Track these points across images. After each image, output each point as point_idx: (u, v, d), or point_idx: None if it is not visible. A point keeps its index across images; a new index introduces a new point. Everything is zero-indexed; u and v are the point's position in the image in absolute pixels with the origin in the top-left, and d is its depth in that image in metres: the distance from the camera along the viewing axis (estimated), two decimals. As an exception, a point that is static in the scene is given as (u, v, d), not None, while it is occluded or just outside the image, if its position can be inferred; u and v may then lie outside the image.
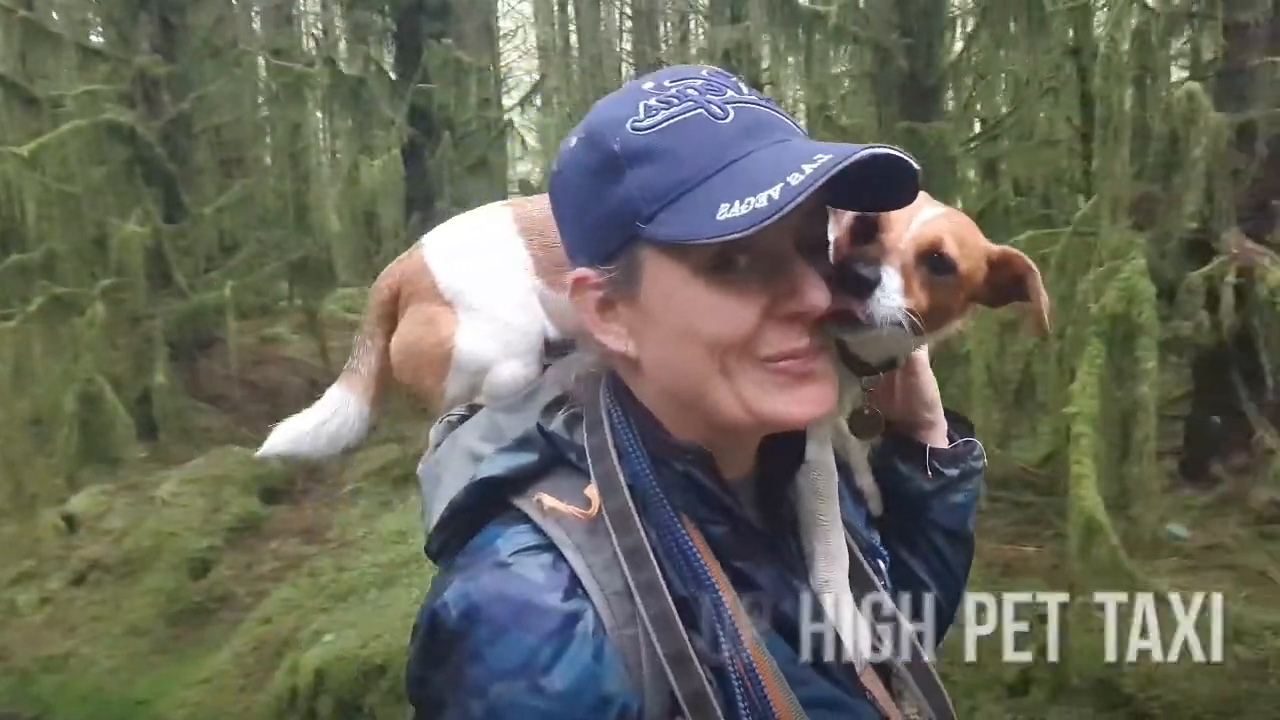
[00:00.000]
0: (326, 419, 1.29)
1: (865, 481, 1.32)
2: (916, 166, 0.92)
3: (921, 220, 1.07)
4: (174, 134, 9.44)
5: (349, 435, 1.30)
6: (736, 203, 0.88)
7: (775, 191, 0.87)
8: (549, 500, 0.97)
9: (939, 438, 1.30)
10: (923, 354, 1.27)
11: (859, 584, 1.14)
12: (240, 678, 6.53)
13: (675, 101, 0.94)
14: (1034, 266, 1.16)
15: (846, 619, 1.09)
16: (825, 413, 1.00)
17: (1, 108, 9.31)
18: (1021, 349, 6.20)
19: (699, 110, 0.93)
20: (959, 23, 8.54)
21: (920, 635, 1.17)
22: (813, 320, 0.97)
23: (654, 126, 0.93)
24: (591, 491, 0.98)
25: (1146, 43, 5.10)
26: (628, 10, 16.93)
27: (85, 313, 8.84)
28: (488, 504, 1.00)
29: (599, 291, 0.99)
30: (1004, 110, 9.02)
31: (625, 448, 1.00)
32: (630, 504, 0.97)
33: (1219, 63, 5.51)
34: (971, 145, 8.92)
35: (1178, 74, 6.40)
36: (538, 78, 18.90)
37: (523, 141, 14.72)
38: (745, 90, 0.97)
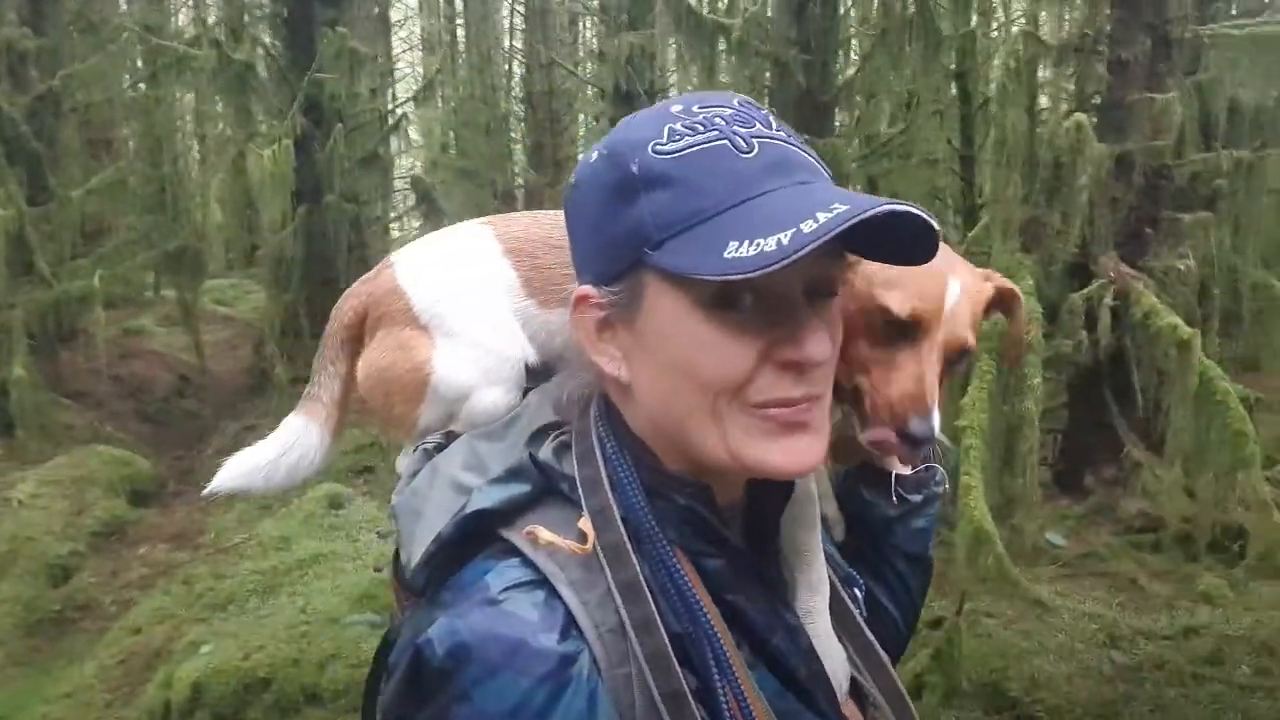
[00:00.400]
0: (285, 450, 1.21)
1: (830, 508, 1.32)
2: (937, 226, 0.91)
3: (950, 320, 1.08)
4: (41, 111, 8.87)
5: (308, 467, 1.22)
6: (746, 243, 0.86)
7: (786, 236, 0.84)
8: (545, 534, 0.93)
9: (903, 464, 1.31)
10: None
11: (838, 613, 1.14)
12: (106, 692, 6.17)
13: (701, 129, 0.92)
14: (1020, 294, 1.20)
15: (829, 649, 1.09)
16: (813, 466, 0.97)
17: None
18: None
19: (723, 141, 0.91)
20: (854, 43, 8.79)
21: (890, 663, 1.17)
22: (808, 368, 0.94)
23: (675, 153, 0.91)
24: (585, 524, 0.95)
25: (1035, 73, 5.34)
26: (519, 8, 16.79)
27: (-65, 299, 8.26)
28: (475, 537, 0.96)
29: (599, 311, 0.97)
30: (890, 129, 9.34)
31: (619, 479, 0.98)
32: (625, 538, 0.95)
33: (1101, 95, 5.82)
34: (860, 162, 9.21)
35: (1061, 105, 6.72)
36: (423, 70, 18.62)
37: (407, 135, 14.46)
38: (774, 125, 0.95)
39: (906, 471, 1.30)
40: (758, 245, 0.85)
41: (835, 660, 1.09)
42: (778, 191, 0.90)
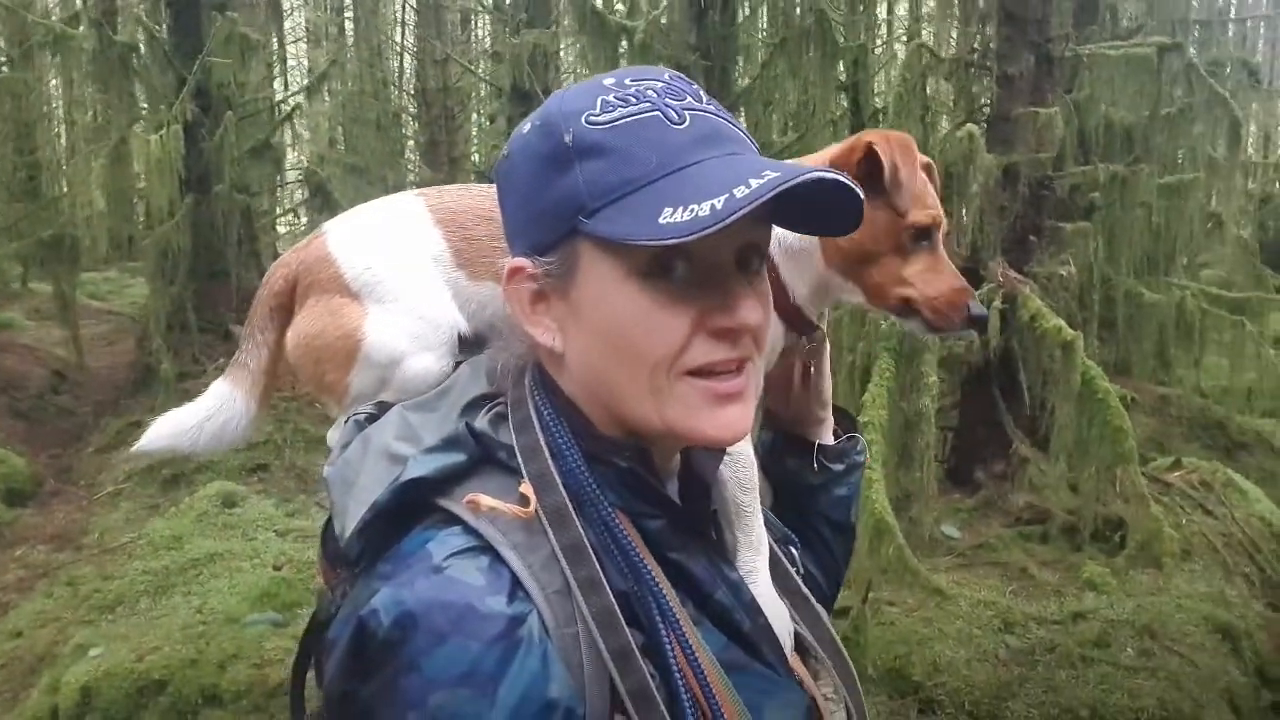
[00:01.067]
0: (210, 415, 1.22)
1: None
2: (861, 194, 0.94)
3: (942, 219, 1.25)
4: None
5: (233, 433, 1.23)
6: (680, 208, 0.87)
7: (720, 201, 0.86)
8: (486, 500, 0.93)
9: (827, 434, 1.37)
10: (826, 356, 1.35)
11: (777, 572, 1.17)
12: (-16, 699, 5.85)
13: (633, 101, 0.94)
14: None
15: (772, 605, 1.12)
16: (743, 434, 1.00)
17: None
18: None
19: (655, 112, 0.93)
20: (751, 51, 8.98)
21: (826, 616, 1.22)
22: (740, 335, 0.96)
23: (609, 123, 0.92)
24: (527, 489, 0.95)
25: (927, 86, 5.59)
26: (412, 3, 16.52)
27: None
28: (411, 507, 0.96)
29: (533, 283, 0.98)
30: (783, 137, 9.58)
31: (557, 445, 0.98)
32: (567, 501, 0.96)
33: (988, 109, 6.13)
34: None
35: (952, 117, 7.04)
36: (308, 61, 18.12)
37: (293, 128, 14.06)
38: (704, 99, 0.98)
39: (829, 441, 1.37)
40: (691, 210, 0.86)
41: (778, 616, 1.13)
42: (709, 161, 0.92)
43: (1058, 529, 5.52)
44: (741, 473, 1.16)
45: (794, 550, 1.26)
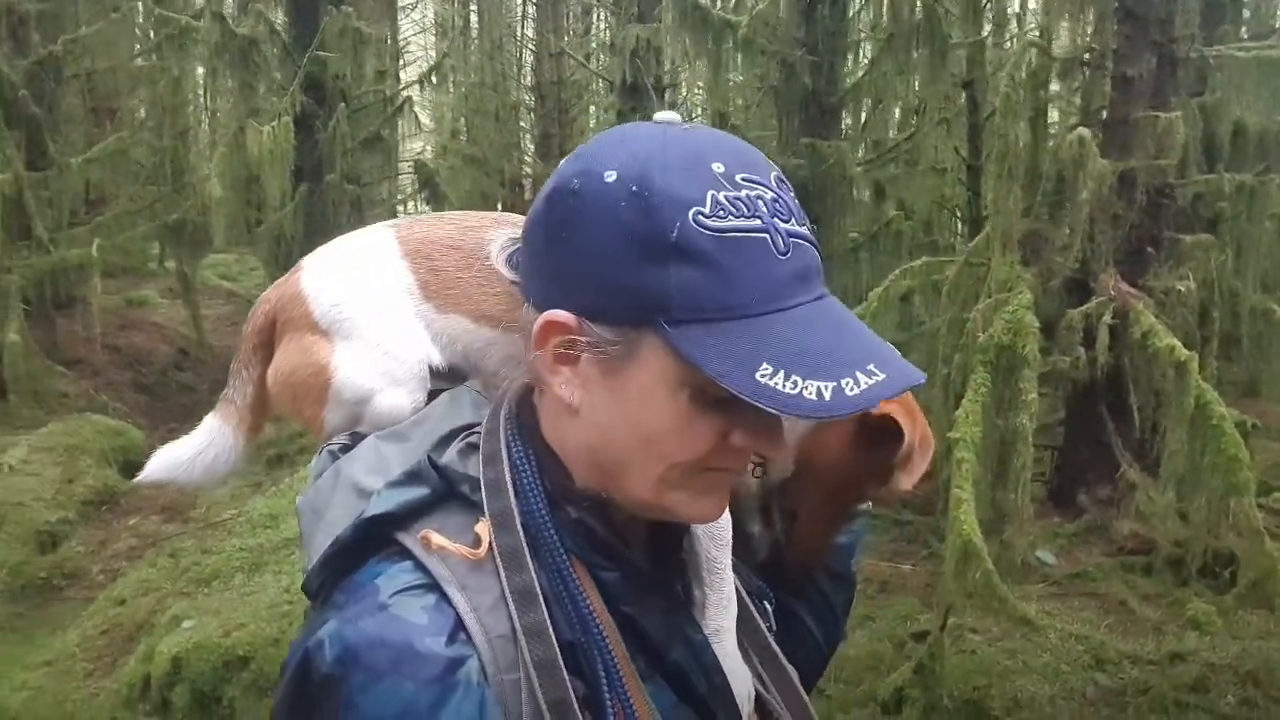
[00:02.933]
0: (202, 449, 1.23)
1: (755, 526, 1.30)
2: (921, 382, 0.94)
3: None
4: (41, 76, 8.83)
5: (223, 467, 1.24)
6: (781, 374, 0.85)
7: (827, 391, 0.85)
8: (436, 538, 0.92)
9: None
10: None
11: (746, 628, 1.14)
12: (88, 662, 6.18)
13: (745, 211, 0.89)
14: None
15: (734, 667, 1.09)
16: (722, 513, 1.04)
17: None
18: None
19: (765, 235, 0.89)
20: (863, 46, 8.75)
21: (800, 677, 1.18)
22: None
23: (718, 232, 0.87)
24: (482, 528, 0.94)
25: (1041, 85, 5.31)
26: (533, -3, 16.75)
27: (-68, 261, 8.23)
28: (370, 541, 0.95)
29: (570, 343, 0.93)
30: (897, 135, 9.32)
31: (522, 484, 0.97)
32: (524, 543, 0.94)
33: (1105, 111, 5.79)
34: (865, 166, 9.18)
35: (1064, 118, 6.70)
36: (434, 54, 18.50)
37: (416, 119, 14.41)
38: (800, 214, 0.94)
39: None
40: (795, 384, 0.85)
41: (739, 679, 1.09)
42: (801, 308, 0.90)
43: (1163, 561, 5.19)
44: (715, 527, 1.12)
45: (767, 605, 1.21)
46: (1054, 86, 6.00)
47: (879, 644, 5.00)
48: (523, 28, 18.41)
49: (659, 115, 0.98)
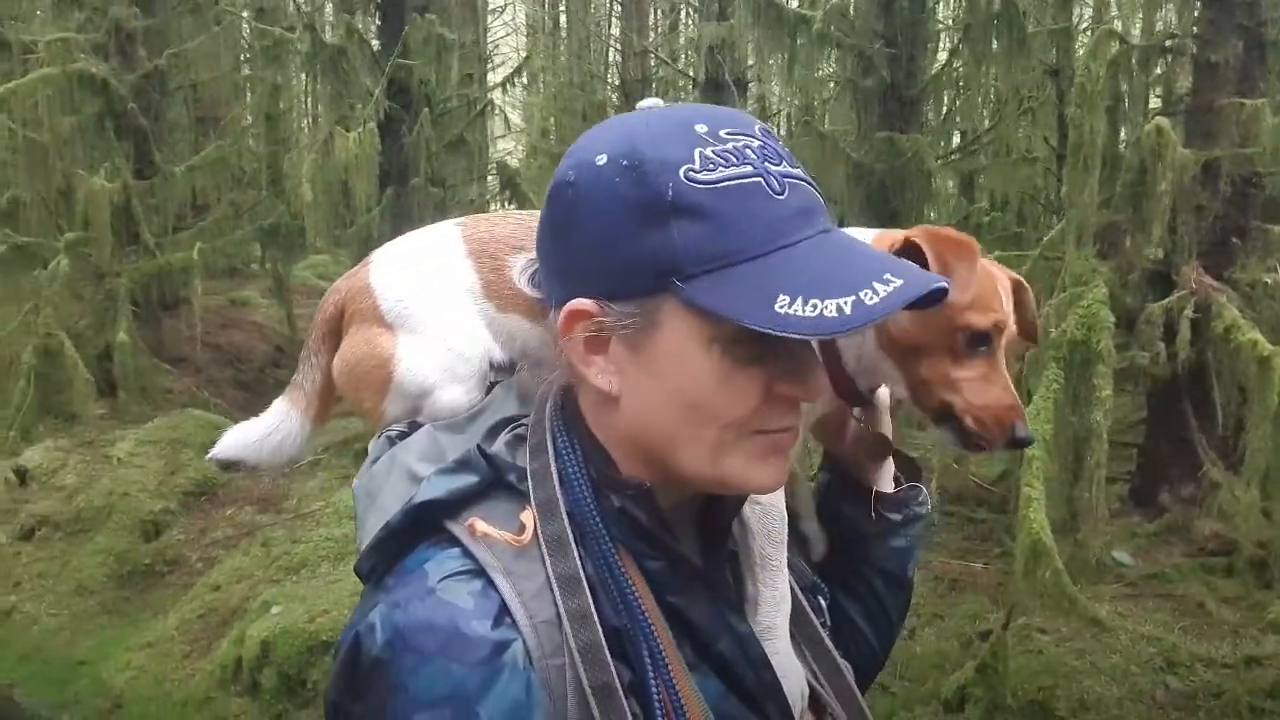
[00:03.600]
0: (270, 432, 1.28)
1: (810, 526, 1.32)
2: (949, 293, 0.93)
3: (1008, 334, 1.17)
4: (148, 89, 9.30)
5: (290, 450, 1.29)
6: (800, 300, 0.86)
7: (847, 305, 0.85)
8: (481, 525, 0.94)
9: (886, 481, 1.30)
10: (883, 396, 1.28)
11: (800, 623, 1.14)
12: (185, 644, 6.50)
13: (734, 160, 0.91)
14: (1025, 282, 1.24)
15: (787, 664, 1.09)
16: (781, 484, 1.03)
17: (-30, 49, 9.16)
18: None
19: (758, 178, 0.90)
20: (943, 36, 8.59)
21: (850, 671, 1.17)
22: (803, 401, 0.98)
23: (711, 184, 0.89)
24: (526, 516, 0.96)
25: (1120, 74, 5.16)
26: (619, -4, 16.86)
27: (48, 265, 8.73)
28: (422, 527, 0.98)
29: (597, 327, 0.95)
30: (984, 125, 9.12)
31: (568, 474, 0.98)
32: (568, 530, 0.95)
33: (1189, 99, 5.59)
34: (950, 158, 9.01)
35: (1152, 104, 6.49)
36: (523, 56, 18.78)
37: (505, 120, 14.64)
38: (792, 159, 0.95)
39: (889, 489, 1.30)
40: (814, 306, 0.85)
41: (793, 677, 1.10)
42: (808, 241, 0.91)
43: (1245, 562, 5.00)
44: (771, 524, 1.13)
45: (822, 600, 1.22)
46: (1136, 74, 5.81)
47: (945, 642, 4.94)
48: (609, 27, 18.53)
49: (643, 103, 1.00)
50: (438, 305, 1.18)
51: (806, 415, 1.20)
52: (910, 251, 1.13)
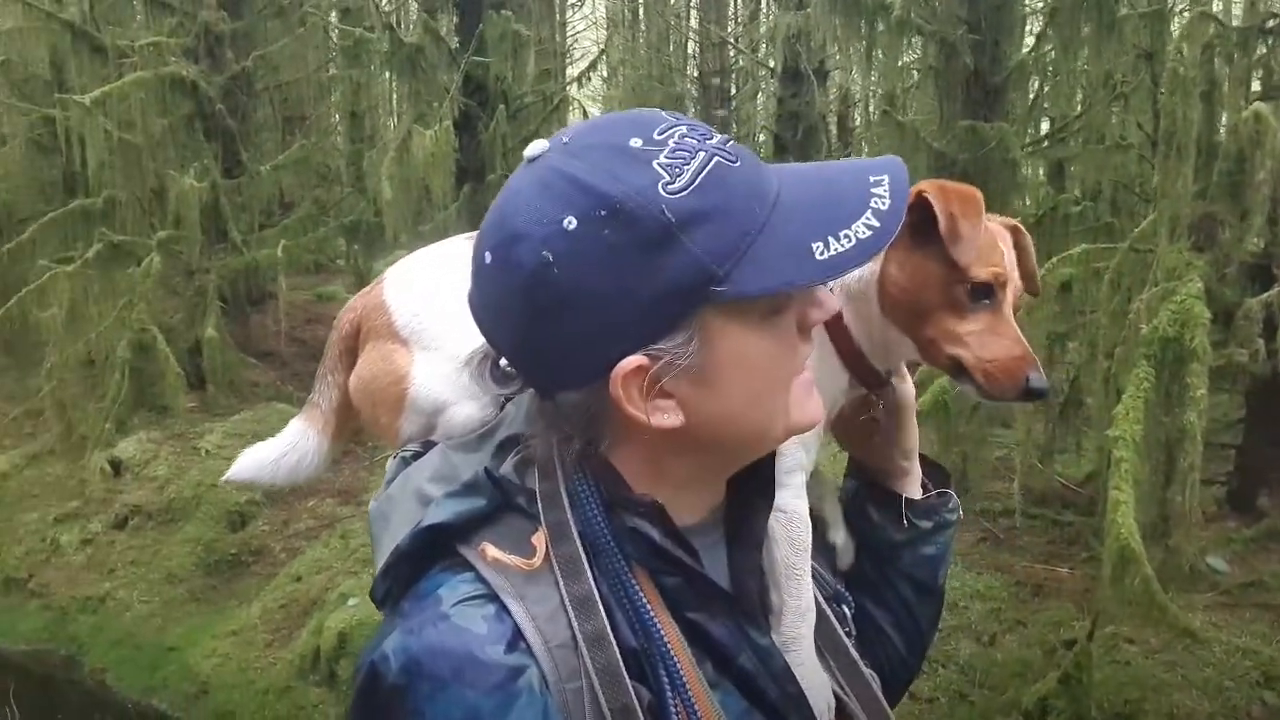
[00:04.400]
0: (285, 452, 1.28)
1: (838, 536, 1.29)
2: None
3: (1010, 272, 1.17)
4: (235, 90, 9.54)
5: (307, 469, 1.29)
6: (830, 240, 0.88)
7: (873, 218, 0.89)
8: (492, 550, 0.93)
9: (914, 487, 1.28)
10: (908, 394, 1.27)
11: (824, 634, 1.13)
12: (268, 633, 6.67)
13: (686, 155, 0.89)
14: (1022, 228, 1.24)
15: (811, 675, 1.08)
16: (819, 422, 1.05)
17: (70, 54, 9.48)
18: (1073, 360, 6.08)
19: (716, 158, 0.89)
20: (1029, 21, 8.31)
21: (877, 681, 1.16)
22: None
23: (689, 187, 0.87)
24: (538, 539, 0.94)
25: (1216, 57, 4.91)
26: (697, -12, 16.77)
27: (142, 262, 9.02)
28: (433, 551, 0.96)
29: (652, 378, 0.91)
30: (1073, 112, 8.79)
31: (578, 494, 0.96)
32: (581, 551, 0.94)
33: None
34: (1038, 146, 8.72)
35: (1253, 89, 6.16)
36: (608, 51, 18.79)
37: (584, 114, 14.68)
38: (706, 128, 0.95)
39: (917, 495, 1.28)
40: (847, 238, 0.88)
41: (817, 689, 1.08)
42: (782, 188, 0.92)
43: (1352, 573, 4.73)
44: (795, 531, 1.12)
45: (846, 609, 1.21)
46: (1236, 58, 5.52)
47: (1028, 650, 4.78)
48: (687, 19, 18.44)
49: (530, 150, 0.94)
50: (452, 321, 1.14)
51: (830, 407, 1.22)
52: (920, 204, 1.15)
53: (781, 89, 11.41)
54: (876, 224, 0.88)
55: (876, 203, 0.89)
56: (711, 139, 0.91)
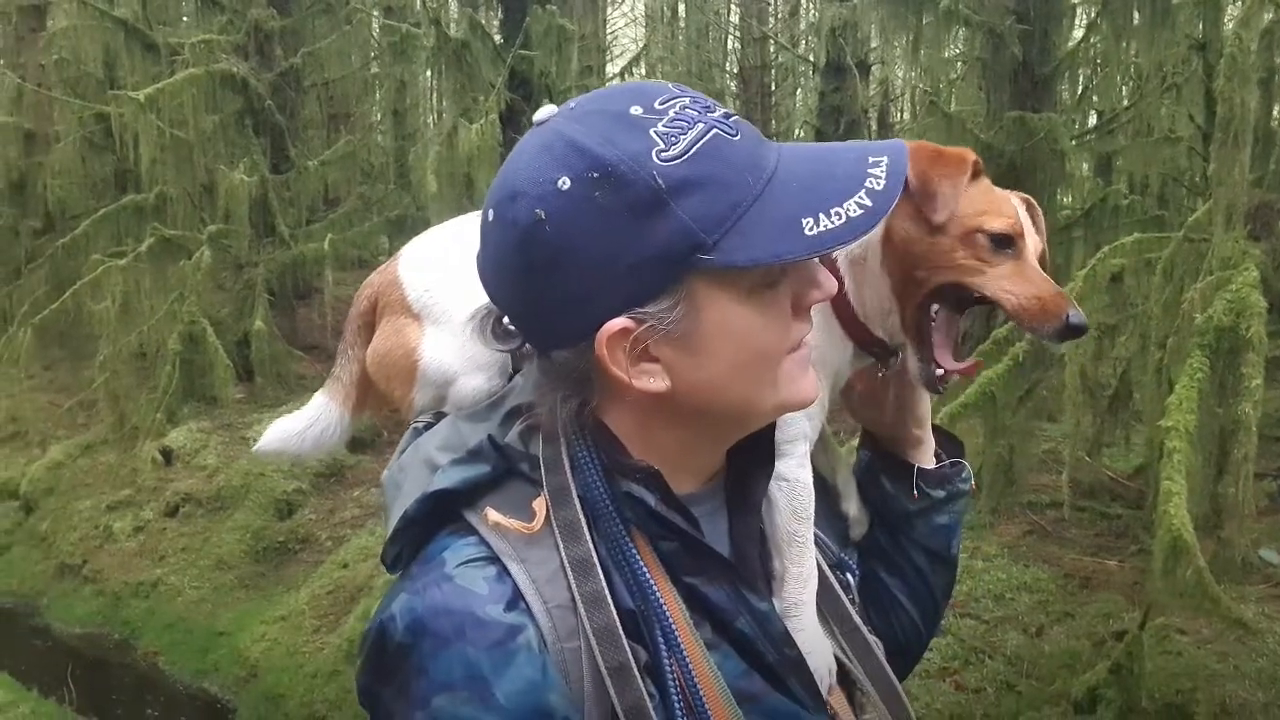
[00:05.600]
0: (310, 424, 1.31)
1: (852, 506, 1.30)
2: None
3: (1034, 241, 1.18)
4: (284, 87, 9.68)
5: (329, 441, 1.32)
6: (821, 216, 0.88)
7: (864, 198, 0.89)
8: (493, 514, 0.96)
9: (926, 457, 1.29)
10: (915, 367, 1.25)
11: (827, 600, 1.14)
12: (315, 618, 6.77)
13: (686, 125, 0.91)
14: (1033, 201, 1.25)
15: (813, 641, 1.09)
16: (816, 396, 1.05)
17: (123, 52, 9.67)
18: (1121, 354, 6.00)
19: (714, 130, 0.91)
20: (1078, 11, 8.21)
21: (880, 647, 1.17)
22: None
23: (683, 155, 0.89)
24: (538, 504, 0.97)
25: (1275, 45, 4.83)
26: (738, -19, 16.73)
27: (193, 256, 9.18)
28: (440, 516, 1.00)
29: (637, 339, 0.93)
30: (1123, 104, 8.68)
31: (579, 460, 0.99)
32: (581, 515, 0.96)
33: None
34: (1086, 138, 8.62)
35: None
36: (640, 45, 18.81)
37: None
38: (710, 101, 0.96)
39: (929, 465, 1.29)
40: (838, 215, 0.88)
41: (819, 654, 1.10)
42: (780, 163, 0.93)
43: None
44: (798, 500, 1.13)
45: (850, 577, 1.23)
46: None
47: (1076, 641, 4.74)
48: (728, 14, 18.41)
49: (538, 115, 0.97)
50: (461, 294, 1.17)
51: (834, 378, 1.23)
52: None
53: (823, 83, 11.37)
54: (869, 203, 0.89)
55: (872, 182, 0.90)
56: (714, 112, 0.93)
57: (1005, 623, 5.08)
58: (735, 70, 17.06)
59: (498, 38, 9.15)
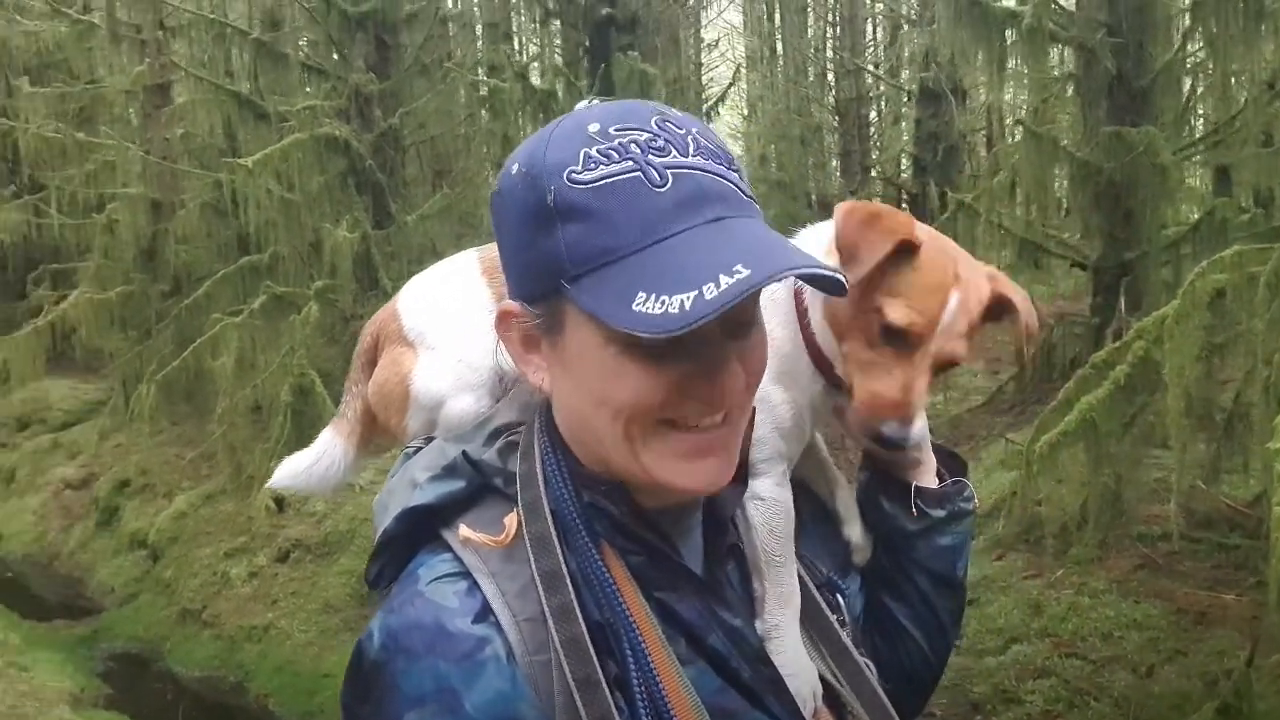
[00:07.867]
0: (316, 460, 1.35)
1: (854, 531, 1.27)
2: (845, 282, 0.91)
3: (944, 333, 1.11)
4: (384, 146, 10.06)
5: (336, 476, 1.35)
6: (653, 298, 0.86)
7: (689, 300, 0.85)
8: (464, 530, 0.98)
9: (926, 476, 1.25)
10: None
11: (813, 621, 1.12)
12: (414, 662, 6.87)
13: (616, 157, 0.91)
14: (1016, 301, 1.16)
15: (794, 661, 1.07)
16: (722, 485, 1.00)
17: (238, 122, 10.22)
18: (1232, 375, 5.66)
19: (637, 173, 0.90)
20: (1175, 21, 7.88)
21: (872, 669, 1.15)
22: (723, 398, 0.95)
23: (590, 184, 0.90)
24: (510, 519, 0.98)
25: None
26: (832, 18, 16.69)
27: (301, 311, 9.56)
28: (420, 533, 1.02)
29: (523, 328, 0.99)
30: (1230, 114, 8.25)
31: (550, 475, 1.00)
32: (552, 528, 0.97)
33: None
34: (1191, 151, 8.22)
35: None
36: (744, 86, 18.92)
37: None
38: (691, 148, 0.92)
39: (931, 484, 1.25)
40: (663, 304, 0.86)
41: (802, 676, 1.07)
42: (687, 233, 0.89)
43: None
44: (774, 519, 1.13)
45: (840, 597, 1.20)
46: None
47: (1187, 681, 4.45)
48: (825, 49, 18.37)
49: (580, 104, 1.01)
50: (452, 321, 1.23)
51: (812, 403, 1.21)
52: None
53: (919, 110, 11.19)
54: (687, 307, 0.84)
55: (706, 290, 0.84)
56: (662, 157, 0.91)
57: (1113, 662, 4.81)
58: (832, 103, 16.97)
59: (583, 85, 9.33)
